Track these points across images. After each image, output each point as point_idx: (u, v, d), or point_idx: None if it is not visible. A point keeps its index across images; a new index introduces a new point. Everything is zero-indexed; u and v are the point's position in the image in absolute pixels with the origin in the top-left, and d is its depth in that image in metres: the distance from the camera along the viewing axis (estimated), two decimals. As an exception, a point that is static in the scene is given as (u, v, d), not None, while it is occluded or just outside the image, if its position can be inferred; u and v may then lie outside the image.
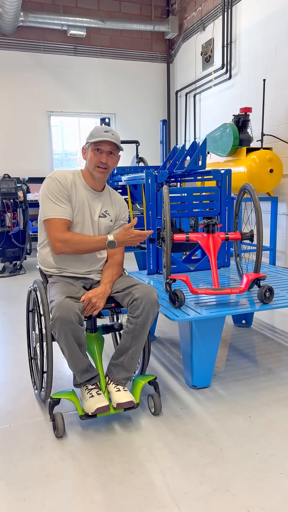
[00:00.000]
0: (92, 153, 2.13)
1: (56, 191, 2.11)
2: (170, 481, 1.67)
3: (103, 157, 2.13)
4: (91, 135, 2.14)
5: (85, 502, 1.57)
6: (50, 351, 2.02)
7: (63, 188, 2.12)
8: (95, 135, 2.11)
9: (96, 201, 2.23)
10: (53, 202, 2.11)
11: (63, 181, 2.14)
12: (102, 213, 2.24)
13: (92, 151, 2.13)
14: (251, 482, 1.65)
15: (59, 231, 2.09)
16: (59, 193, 2.12)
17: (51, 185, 2.13)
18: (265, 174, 4.82)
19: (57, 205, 2.11)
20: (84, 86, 7.66)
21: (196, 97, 7.35)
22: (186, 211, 3.06)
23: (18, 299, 4.41)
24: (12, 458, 1.84)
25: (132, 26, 7.41)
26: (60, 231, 2.09)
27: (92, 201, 2.21)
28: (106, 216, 2.25)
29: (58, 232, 2.09)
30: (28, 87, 7.32)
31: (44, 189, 2.14)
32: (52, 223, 2.10)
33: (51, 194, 2.12)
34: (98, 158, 2.13)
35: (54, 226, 2.09)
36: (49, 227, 2.11)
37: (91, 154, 2.14)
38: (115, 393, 2.01)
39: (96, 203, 2.23)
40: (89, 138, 2.13)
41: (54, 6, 7.20)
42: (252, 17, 5.67)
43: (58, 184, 2.12)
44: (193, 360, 2.31)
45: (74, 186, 2.16)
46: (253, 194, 2.51)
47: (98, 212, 2.23)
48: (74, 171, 2.23)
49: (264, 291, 2.33)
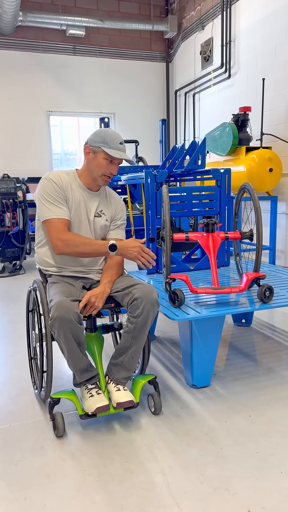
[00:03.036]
0: (103, 161, 2.11)
1: (52, 192, 2.10)
2: (171, 480, 1.67)
3: (114, 169, 2.14)
4: (105, 142, 2.09)
5: (85, 501, 1.57)
6: (50, 351, 2.02)
7: (59, 189, 2.11)
8: (111, 145, 2.08)
9: (92, 200, 2.22)
10: (51, 203, 2.10)
11: (59, 182, 2.13)
12: (97, 213, 2.23)
13: (104, 159, 2.11)
14: (252, 481, 1.65)
15: (60, 231, 2.07)
16: (55, 194, 2.11)
17: (47, 186, 2.11)
18: (264, 173, 4.82)
19: (55, 205, 2.10)
20: (83, 86, 7.66)
21: (195, 96, 7.35)
22: (185, 210, 3.06)
23: (18, 299, 4.41)
24: (12, 458, 1.84)
25: (131, 26, 7.41)
26: (61, 230, 2.08)
27: (88, 200, 2.20)
28: (101, 216, 2.25)
29: (59, 231, 2.07)
30: (27, 87, 7.32)
31: (40, 191, 2.12)
32: (52, 223, 2.09)
33: (47, 195, 2.10)
34: (109, 169, 2.13)
35: (54, 226, 2.08)
36: (49, 227, 2.10)
37: (102, 162, 2.11)
38: (115, 392, 2.01)
39: (92, 203, 2.22)
40: (102, 144, 2.09)
41: (53, 6, 7.20)
42: (251, 16, 5.67)
43: (54, 185, 2.11)
44: (193, 360, 2.31)
45: (69, 187, 2.16)
46: (252, 193, 2.51)
47: (94, 211, 2.22)
48: (69, 171, 2.22)
49: (264, 290, 2.33)
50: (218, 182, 3.14)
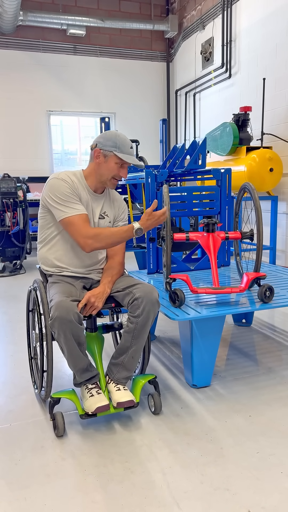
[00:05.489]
0: (114, 165, 2.10)
1: (66, 191, 2.08)
2: (171, 480, 1.67)
3: (124, 173, 2.14)
4: (117, 146, 2.08)
5: (85, 501, 1.58)
6: (50, 351, 2.02)
7: (71, 188, 2.11)
8: (122, 150, 2.08)
9: (96, 202, 2.22)
10: (68, 202, 2.07)
11: (70, 182, 2.12)
12: (101, 215, 2.23)
13: (115, 163, 2.10)
14: (252, 481, 1.65)
15: (84, 228, 2.04)
16: (70, 193, 2.09)
17: (61, 186, 2.08)
18: (265, 173, 4.82)
19: (72, 203, 2.08)
20: (83, 85, 7.66)
21: (196, 96, 7.35)
22: (186, 210, 3.06)
23: (18, 298, 4.41)
24: (12, 457, 1.84)
25: (132, 25, 7.40)
26: (85, 227, 2.05)
27: (93, 202, 2.21)
28: (104, 218, 2.25)
29: (83, 229, 2.04)
30: (27, 87, 7.32)
31: (53, 191, 2.09)
32: (74, 221, 2.05)
33: (62, 194, 2.07)
34: (119, 172, 2.13)
35: (77, 224, 2.04)
36: (72, 227, 2.05)
37: (113, 166, 2.10)
38: (115, 392, 2.01)
39: (96, 205, 2.22)
40: (114, 149, 2.08)
41: (53, 5, 7.19)
42: (252, 16, 5.67)
43: (67, 184, 2.10)
44: (193, 359, 2.31)
45: (78, 188, 2.16)
46: (253, 193, 2.51)
47: (98, 213, 2.22)
48: (75, 172, 2.20)
49: (264, 290, 2.33)
50: (219, 182, 3.14)
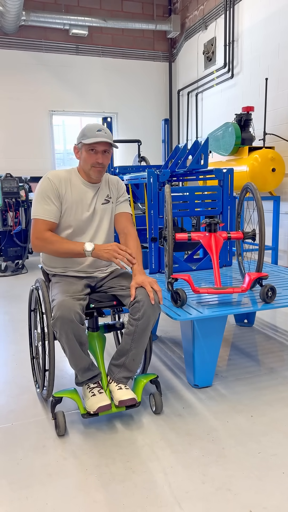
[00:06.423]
0: (86, 153, 2.12)
1: (46, 190, 2.12)
2: (172, 480, 1.67)
3: (99, 158, 2.12)
4: (83, 134, 2.12)
5: (87, 500, 1.58)
6: (52, 350, 2.02)
7: (53, 188, 2.13)
8: (88, 135, 2.10)
9: (97, 191, 2.24)
10: (41, 203, 2.12)
11: (57, 180, 2.14)
12: (105, 199, 2.26)
13: (87, 151, 2.12)
14: (253, 481, 1.65)
15: (39, 230, 2.10)
16: (49, 193, 2.12)
17: (43, 185, 2.14)
18: (267, 173, 4.81)
19: (44, 205, 2.11)
20: (86, 85, 7.66)
21: (198, 96, 7.34)
22: (188, 210, 3.06)
23: (20, 298, 4.42)
24: (14, 457, 1.84)
25: (134, 25, 7.40)
26: (40, 230, 2.10)
27: (93, 193, 2.22)
28: (109, 201, 2.27)
29: (38, 231, 2.10)
30: (30, 86, 7.33)
31: (37, 188, 2.16)
32: (36, 222, 2.12)
33: (41, 193, 2.13)
34: (93, 158, 2.12)
35: (36, 225, 2.11)
36: (33, 226, 2.13)
37: (86, 154, 2.13)
38: (117, 391, 2.01)
39: (99, 193, 2.24)
40: (82, 138, 2.12)
41: (56, 5, 7.20)
42: (254, 16, 5.66)
43: (50, 183, 2.13)
44: (195, 359, 2.31)
45: (69, 184, 2.16)
46: (255, 193, 2.51)
47: (102, 200, 2.24)
48: (71, 169, 2.23)
49: (266, 291, 2.32)
50: (221, 182, 3.14)
